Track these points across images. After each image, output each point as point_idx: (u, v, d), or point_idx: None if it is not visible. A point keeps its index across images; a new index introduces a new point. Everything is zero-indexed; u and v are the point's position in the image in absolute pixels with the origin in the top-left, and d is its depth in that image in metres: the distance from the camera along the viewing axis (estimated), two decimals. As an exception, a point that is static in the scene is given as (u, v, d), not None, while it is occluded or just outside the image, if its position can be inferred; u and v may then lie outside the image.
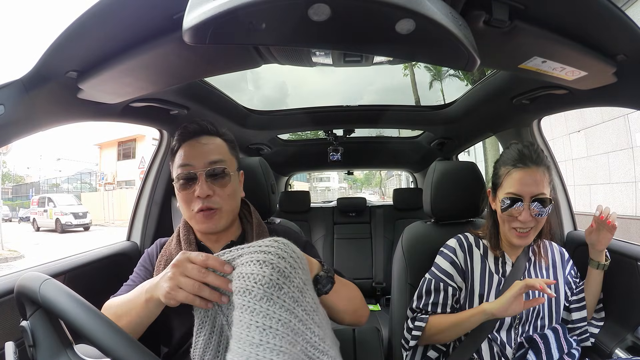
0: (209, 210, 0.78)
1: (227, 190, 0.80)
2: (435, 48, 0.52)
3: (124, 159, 20.06)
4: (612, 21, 0.61)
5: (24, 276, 0.52)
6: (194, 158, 0.79)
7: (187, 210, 0.80)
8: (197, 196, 0.77)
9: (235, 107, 1.53)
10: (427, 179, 1.16)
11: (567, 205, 1.34)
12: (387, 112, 1.73)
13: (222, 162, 0.81)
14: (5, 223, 14.02)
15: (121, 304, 0.68)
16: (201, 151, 0.80)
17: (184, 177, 0.78)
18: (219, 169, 0.79)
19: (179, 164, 0.80)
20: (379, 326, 1.88)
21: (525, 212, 0.86)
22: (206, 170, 0.78)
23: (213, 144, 0.82)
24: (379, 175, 31.88)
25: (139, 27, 0.62)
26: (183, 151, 0.80)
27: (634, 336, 0.96)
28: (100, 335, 0.44)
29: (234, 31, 0.46)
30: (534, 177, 0.87)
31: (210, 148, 0.81)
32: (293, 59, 0.78)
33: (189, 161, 0.79)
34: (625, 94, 0.85)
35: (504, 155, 0.95)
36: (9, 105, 0.68)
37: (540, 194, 0.86)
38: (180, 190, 0.79)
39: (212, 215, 0.78)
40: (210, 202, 0.78)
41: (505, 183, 0.91)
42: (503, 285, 0.93)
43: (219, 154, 0.81)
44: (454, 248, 0.99)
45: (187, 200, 0.79)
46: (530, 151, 0.89)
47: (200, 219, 0.78)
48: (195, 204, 0.78)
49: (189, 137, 0.81)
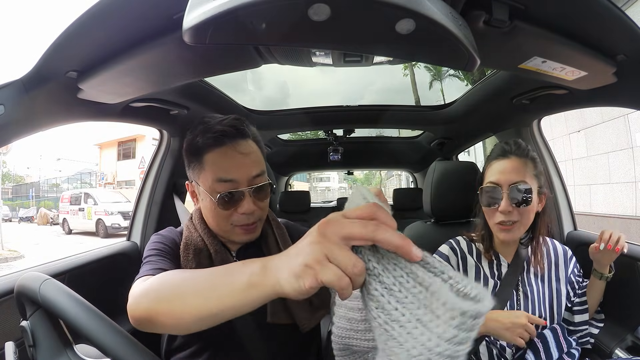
0: (251, 224, 0.75)
1: (267, 201, 0.78)
2: (435, 48, 0.52)
3: (124, 159, 20.07)
4: (612, 21, 0.61)
5: (24, 276, 0.52)
6: (237, 172, 0.71)
7: (223, 224, 0.75)
8: (241, 213, 0.73)
9: (235, 107, 1.53)
10: (427, 179, 1.16)
11: (567, 205, 1.34)
12: (387, 112, 1.73)
13: (264, 173, 0.76)
14: (5, 223, 13.53)
15: (193, 278, 0.48)
16: (243, 163, 0.72)
17: (228, 195, 0.71)
18: (265, 185, 0.75)
19: (217, 178, 0.71)
20: (379, 326, 1.89)
21: (505, 202, 0.85)
22: (252, 188, 0.73)
23: (252, 152, 0.75)
24: (379, 175, 31.86)
25: (139, 27, 0.62)
26: (219, 160, 0.72)
27: (634, 336, 0.96)
28: (100, 335, 0.44)
29: (234, 31, 0.46)
30: (513, 165, 0.87)
31: (252, 159, 0.74)
32: (293, 59, 0.77)
33: (232, 176, 0.71)
34: (625, 94, 0.85)
35: (489, 155, 0.95)
36: (9, 105, 0.68)
37: (519, 181, 0.85)
38: (220, 207, 0.72)
39: (253, 228, 0.76)
40: (253, 217, 0.75)
41: (486, 175, 0.91)
42: (499, 288, 0.92)
43: (259, 165, 0.75)
44: (447, 255, 0.97)
45: (225, 216, 0.74)
46: (510, 145, 0.90)
47: (240, 233, 0.76)
48: (237, 220, 0.74)
49: (222, 142, 0.72)
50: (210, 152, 0.72)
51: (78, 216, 11.72)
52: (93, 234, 10.94)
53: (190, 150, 0.74)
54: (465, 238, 1.01)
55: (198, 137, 0.72)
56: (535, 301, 0.91)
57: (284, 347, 0.78)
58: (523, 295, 0.91)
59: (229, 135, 0.72)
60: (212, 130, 0.72)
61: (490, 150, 0.97)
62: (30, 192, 20.56)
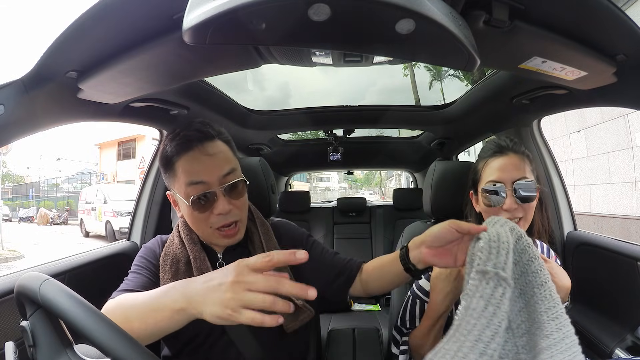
0: (230, 225, 0.75)
1: (243, 199, 0.77)
2: (435, 48, 0.52)
3: (124, 159, 20.06)
4: (612, 21, 0.61)
5: (24, 276, 0.52)
6: (206, 173, 0.72)
7: (203, 228, 0.76)
8: (217, 214, 0.73)
9: (235, 107, 1.53)
10: (427, 179, 1.15)
11: (567, 205, 1.34)
12: (387, 112, 1.73)
13: (235, 170, 0.76)
14: (5, 223, 13.45)
15: (135, 305, 0.56)
16: (211, 164, 0.73)
17: (201, 197, 0.72)
18: (237, 182, 0.75)
19: (188, 182, 0.72)
20: (379, 326, 1.88)
21: (510, 199, 0.83)
22: (224, 187, 0.73)
23: (220, 152, 0.75)
24: (379, 175, 31.88)
25: (139, 27, 0.62)
26: (187, 165, 0.72)
27: (634, 336, 0.96)
28: (100, 335, 0.44)
29: (234, 31, 0.46)
30: (512, 161, 0.85)
31: (220, 159, 0.75)
32: (293, 59, 0.77)
33: (201, 178, 0.72)
34: (625, 94, 0.85)
35: (481, 152, 0.93)
36: (9, 105, 0.68)
37: (522, 177, 0.84)
38: (196, 210, 0.72)
39: (234, 229, 0.76)
40: (230, 216, 0.74)
41: (484, 174, 0.89)
42: None
43: (229, 163, 0.76)
44: None
45: (203, 219, 0.74)
46: (506, 141, 0.88)
47: (221, 235, 0.76)
48: (215, 222, 0.74)
49: (189, 147, 0.73)
50: (179, 159, 0.73)
51: (91, 216, 10.38)
52: (105, 237, 9.54)
53: (162, 160, 0.76)
54: None
55: (167, 147, 0.74)
56: None
57: (274, 348, 0.80)
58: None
59: (195, 139, 0.73)
60: (178, 137, 0.74)
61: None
62: (30, 192, 20.55)
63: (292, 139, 2.40)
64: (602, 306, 1.09)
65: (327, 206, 2.96)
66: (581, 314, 1.13)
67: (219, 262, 0.82)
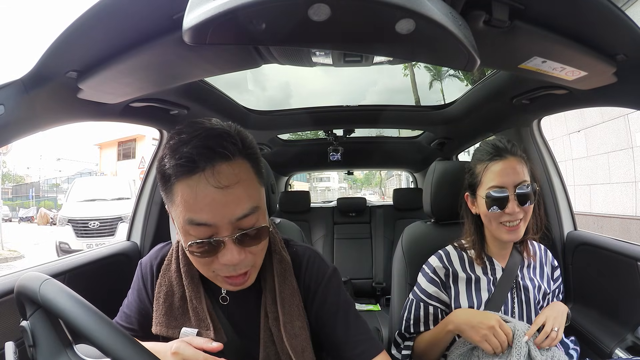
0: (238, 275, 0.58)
1: (261, 245, 0.59)
2: (435, 48, 0.52)
3: (124, 159, 20.06)
4: (612, 21, 0.61)
5: (24, 276, 0.52)
6: (212, 214, 0.52)
7: (204, 271, 0.60)
8: (223, 264, 0.55)
9: (235, 107, 1.53)
10: (427, 179, 1.16)
11: (567, 205, 1.34)
12: (387, 112, 1.73)
13: (257, 210, 0.56)
14: (5, 223, 13.48)
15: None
16: (222, 201, 0.52)
17: (205, 244, 0.54)
18: (252, 231, 0.55)
19: (188, 219, 0.53)
20: (379, 326, 1.89)
21: (512, 203, 0.84)
22: (237, 236, 0.54)
23: (238, 183, 0.53)
24: (379, 175, 31.88)
25: (139, 27, 0.62)
26: (188, 195, 0.52)
27: (634, 336, 0.96)
28: (100, 335, 0.44)
29: (234, 31, 0.46)
30: (513, 165, 0.86)
31: (236, 195, 0.53)
32: (293, 59, 0.77)
33: (205, 219, 0.52)
34: (625, 94, 0.85)
35: (477, 153, 0.93)
36: (9, 105, 0.68)
37: (523, 181, 0.85)
38: (199, 257, 0.56)
39: (243, 277, 0.59)
40: (241, 267, 0.57)
41: (485, 178, 0.88)
42: (494, 293, 0.90)
43: (249, 200, 0.54)
44: (433, 267, 0.95)
45: (204, 263, 0.57)
46: (503, 143, 0.89)
47: (227, 282, 0.60)
48: (220, 269, 0.57)
49: (192, 170, 0.51)
50: (178, 182, 0.52)
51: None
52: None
53: (159, 174, 0.55)
54: (456, 247, 0.98)
55: (166, 159, 0.53)
56: (530, 304, 0.91)
57: None
58: (518, 299, 0.91)
59: (208, 159, 0.51)
60: (180, 152, 0.51)
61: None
62: (30, 192, 20.55)
63: (292, 139, 2.40)
64: (602, 306, 1.09)
65: (327, 206, 2.96)
66: (581, 313, 1.13)
67: (222, 296, 0.68)
